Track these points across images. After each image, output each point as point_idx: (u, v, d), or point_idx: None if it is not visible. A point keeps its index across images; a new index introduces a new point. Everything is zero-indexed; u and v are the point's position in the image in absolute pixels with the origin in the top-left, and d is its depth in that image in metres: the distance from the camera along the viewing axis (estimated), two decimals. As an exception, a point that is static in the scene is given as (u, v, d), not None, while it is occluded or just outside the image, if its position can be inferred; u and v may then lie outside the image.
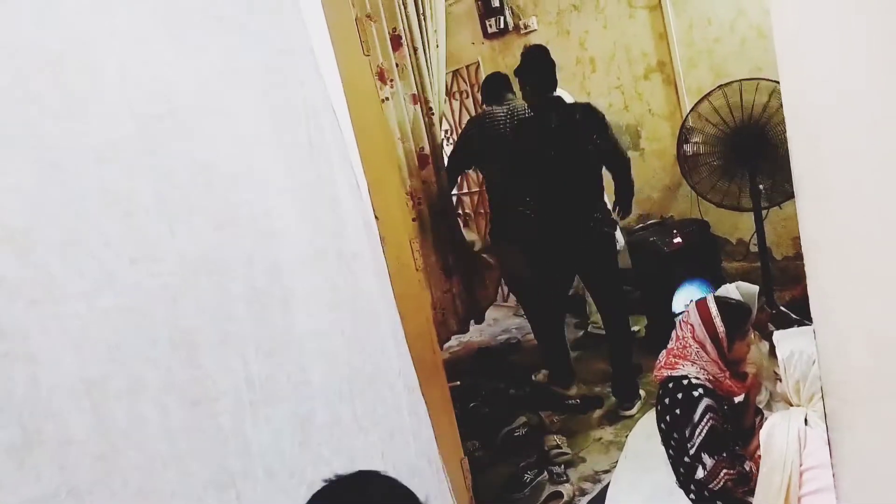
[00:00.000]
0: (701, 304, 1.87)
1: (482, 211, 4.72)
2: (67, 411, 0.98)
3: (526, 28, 4.26)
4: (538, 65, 2.98)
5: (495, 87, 3.38)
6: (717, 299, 1.91)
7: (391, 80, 2.99)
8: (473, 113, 4.57)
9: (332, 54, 1.62)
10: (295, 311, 1.37)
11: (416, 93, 3.16)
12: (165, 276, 1.14)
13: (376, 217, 1.75)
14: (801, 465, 1.47)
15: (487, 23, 4.40)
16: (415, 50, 3.04)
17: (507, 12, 4.31)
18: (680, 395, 1.79)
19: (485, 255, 3.28)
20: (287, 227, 1.37)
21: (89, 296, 1.03)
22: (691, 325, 1.85)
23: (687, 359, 1.83)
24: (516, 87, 3.17)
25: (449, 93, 4.74)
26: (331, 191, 1.52)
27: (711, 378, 1.81)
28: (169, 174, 1.18)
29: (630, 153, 4.05)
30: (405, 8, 2.99)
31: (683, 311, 3.08)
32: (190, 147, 1.22)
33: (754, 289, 2.19)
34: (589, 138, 2.88)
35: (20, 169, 1.00)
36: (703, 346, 1.81)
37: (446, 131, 4.81)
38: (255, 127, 1.34)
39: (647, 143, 3.98)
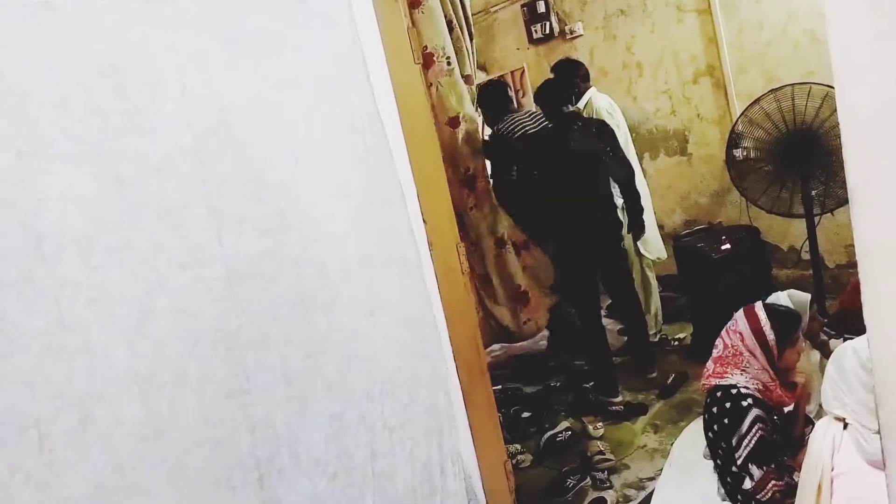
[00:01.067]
0: (749, 312, 1.84)
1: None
2: (118, 398, 1.07)
3: (572, 33, 4.26)
4: (553, 85, 3.27)
5: (494, 97, 3.50)
6: (767, 306, 1.88)
7: (448, 59, 3.11)
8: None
9: (385, 63, 1.66)
10: (338, 313, 1.42)
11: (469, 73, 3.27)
12: (211, 280, 1.21)
13: (424, 221, 1.79)
14: (832, 469, 1.44)
15: (533, 28, 4.42)
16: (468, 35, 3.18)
17: (553, 17, 4.31)
18: (728, 405, 1.77)
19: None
20: (335, 233, 1.42)
21: (141, 297, 1.12)
22: (740, 332, 1.83)
23: (737, 367, 1.80)
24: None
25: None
26: (380, 195, 1.57)
27: (761, 387, 1.78)
28: (220, 184, 1.24)
29: (676, 158, 4.04)
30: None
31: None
32: (242, 158, 1.28)
33: (806, 297, 2.14)
34: (603, 151, 3.05)
35: (83, 180, 1.08)
36: (753, 354, 1.78)
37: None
38: (306, 136, 1.40)
39: (695, 147, 3.93)
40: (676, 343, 3.51)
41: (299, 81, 1.38)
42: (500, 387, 3.34)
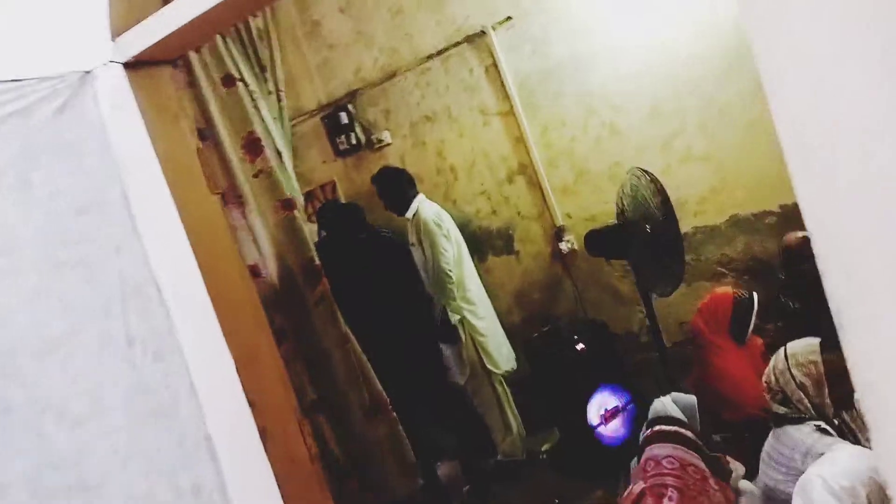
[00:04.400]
0: (657, 441, 1.60)
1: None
2: None
3: (380, 143, 4.09)
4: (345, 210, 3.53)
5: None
6: (665, 425, 1.65)
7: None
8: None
9: (170, 200, 1.22)
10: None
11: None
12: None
13: (251, 403, 1.31)
14: None
15: (338, 140, 4.18)
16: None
17: (357, 128, 4.12)
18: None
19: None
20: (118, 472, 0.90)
21: None
22: (657, 461, 1.56)
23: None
24: None
25: (307, 216, 4.39)
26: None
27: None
28: None
29: (504, 257, 3.94)
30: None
31: (600, 424, 2.87)
32: None
33: (691, 399, 1.98)
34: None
35: None
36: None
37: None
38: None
39: (521, 245, 3.87)
40: (544, 455, 3.24)
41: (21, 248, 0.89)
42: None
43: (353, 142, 4.13)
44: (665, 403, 1.95)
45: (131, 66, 1.27)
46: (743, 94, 3.10)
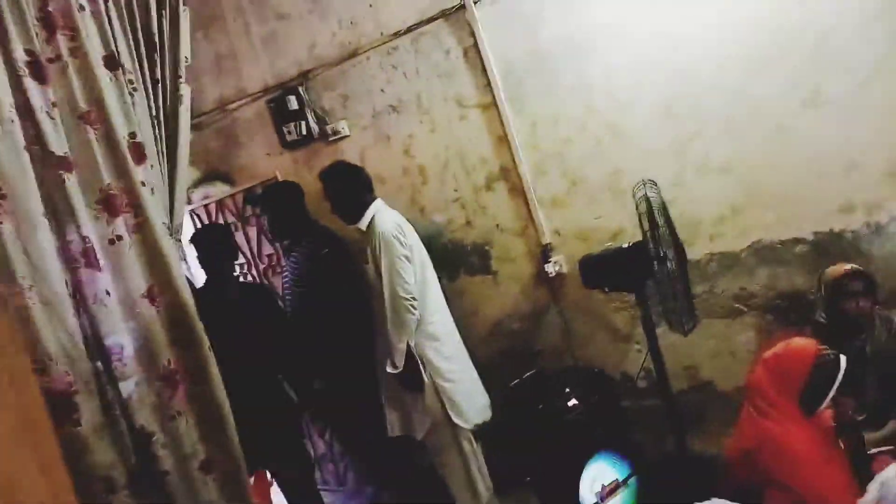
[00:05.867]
0: None
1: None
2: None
3: (335, 134, 3.42)
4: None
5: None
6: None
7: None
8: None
9: None
10: None
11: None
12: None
13: None
14: None
15: (286, 129, 3.51)
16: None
17: (310, 116, 3.45)
18: None
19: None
20: None
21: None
22: None
23: None
24: None
25: (243, 219, 3.70)
26: None
27: None
28: None
29: (479, 277, 3.32)
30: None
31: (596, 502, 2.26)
32: None
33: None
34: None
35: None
36: None
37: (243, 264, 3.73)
38: None
39: (499, 264, 3.25)
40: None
41: None
42: None
43: (304, 132, 3.46)
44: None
45: None
46: (776, 93, 2.53)
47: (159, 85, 2.47)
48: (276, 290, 3.39)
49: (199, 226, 3.75)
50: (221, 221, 3.69)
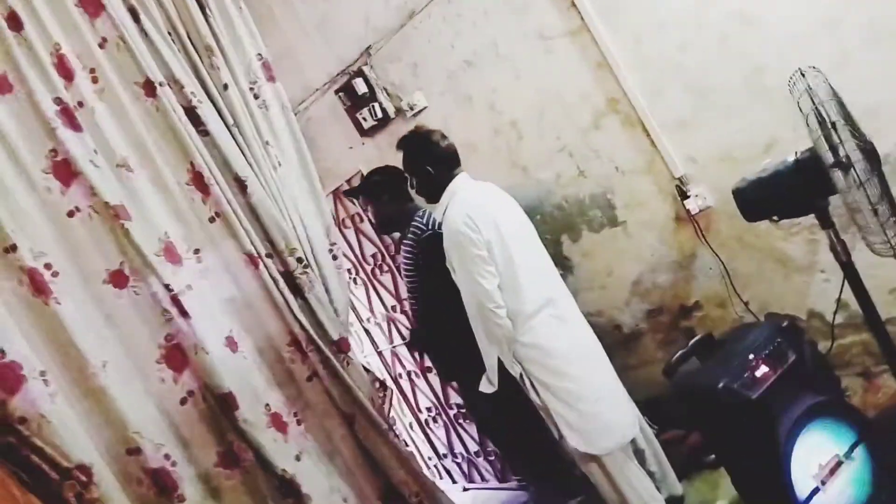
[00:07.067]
0: None
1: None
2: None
3: (412, 108, 3.08)
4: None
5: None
6: None
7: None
8: (377, 240, 3.31)
9: None
10: None
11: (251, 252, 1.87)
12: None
13: None
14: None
15: (360, 117, 3.21)
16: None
17: (382, 96, 3.13)
18: None
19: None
20: None
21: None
22: None
23: None
24: None
25: (337, 221, 3.47)
26: None
27: None
28: None
29: (606, 231, 2.86)
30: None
31: (815, 492, 1.79)
32: None
33: None
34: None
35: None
36: None
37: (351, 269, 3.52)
38: None
39: (627, 212, 2.77)
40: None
41: None
42: None
43: (379, 114, 3.14)
44: None
45: None
46: None
47: (228, 90, 2.20)
48: None
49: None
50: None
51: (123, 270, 1.70)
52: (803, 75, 1.76)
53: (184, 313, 1.78)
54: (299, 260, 1.93)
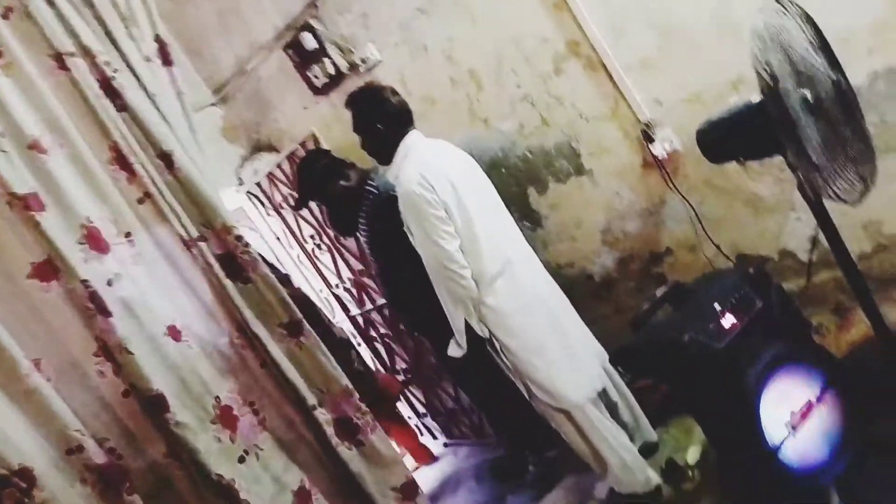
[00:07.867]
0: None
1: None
2: None
3: (365, 62, 2.92)
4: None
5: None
6: None
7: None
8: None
9: None
10: None
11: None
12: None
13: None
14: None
15: (311, 75, 3.05)
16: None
17: (332, 50, 2.96)
18: None
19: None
20: None
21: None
22: None
23: None
24: None
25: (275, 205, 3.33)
26: None
27: None
28: None
29: (573, 181, 2.77)
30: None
31: (786, 437, 1.77)
32: None
33: None
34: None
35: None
36: None
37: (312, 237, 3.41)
38: None
39: (593, 159, 2.67)
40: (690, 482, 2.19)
41: None
42: None
43: (331, 71, 2.98)
44: None
45: None
46: None
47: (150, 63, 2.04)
48: None
49: (258, 208, 3.45)
50: (277, 197, 3.34)
51: (51, 262, 1.57)
52: (779, 8, 1.65)
53: (103, 311, 1.63)
54: (238, 238, 1.82)
